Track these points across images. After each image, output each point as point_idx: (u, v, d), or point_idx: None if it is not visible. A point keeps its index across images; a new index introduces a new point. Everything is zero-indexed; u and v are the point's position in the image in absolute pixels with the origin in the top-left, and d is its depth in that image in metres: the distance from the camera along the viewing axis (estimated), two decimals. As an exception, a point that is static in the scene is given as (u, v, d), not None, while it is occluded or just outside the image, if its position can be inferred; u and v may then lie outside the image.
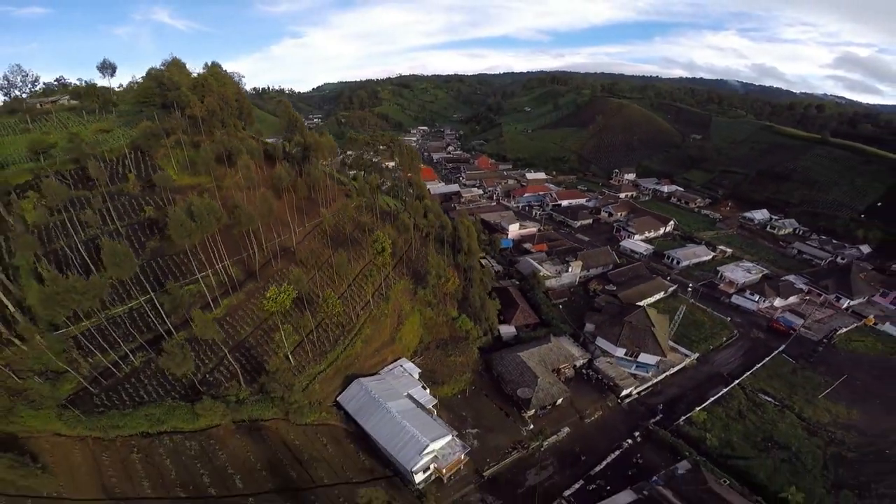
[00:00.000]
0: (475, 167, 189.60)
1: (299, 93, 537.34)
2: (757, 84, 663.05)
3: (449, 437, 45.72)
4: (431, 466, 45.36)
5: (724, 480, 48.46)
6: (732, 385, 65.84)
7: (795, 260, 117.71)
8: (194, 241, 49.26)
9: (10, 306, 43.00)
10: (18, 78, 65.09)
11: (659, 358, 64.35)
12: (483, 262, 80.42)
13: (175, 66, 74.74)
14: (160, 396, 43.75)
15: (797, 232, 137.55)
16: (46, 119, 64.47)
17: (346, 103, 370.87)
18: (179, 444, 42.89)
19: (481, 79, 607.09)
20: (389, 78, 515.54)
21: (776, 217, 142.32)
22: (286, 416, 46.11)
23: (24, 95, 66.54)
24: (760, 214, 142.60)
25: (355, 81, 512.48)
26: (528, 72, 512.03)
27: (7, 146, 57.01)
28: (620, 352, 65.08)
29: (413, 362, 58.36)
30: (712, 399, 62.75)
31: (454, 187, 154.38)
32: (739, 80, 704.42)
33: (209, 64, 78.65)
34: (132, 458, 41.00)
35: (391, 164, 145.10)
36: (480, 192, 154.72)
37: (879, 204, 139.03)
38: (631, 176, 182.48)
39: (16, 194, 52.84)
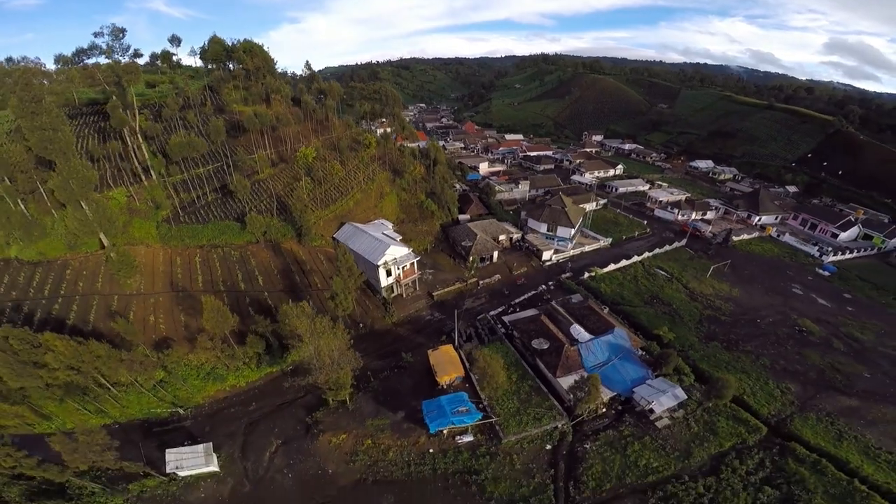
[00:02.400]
0: (462, 131, 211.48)
1: (300, 76, 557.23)
2: (762, 71, 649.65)
3: (407, 251, 68.44)
4: (393, 272, 66.55)
5: (604, 307, 63.48)
6: (634, 260, 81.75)
7: (727, 195, 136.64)
8: (256, 129, 77.62)
9: (147, 155, 68.11)
10: (117, 45, 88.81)
11: (573, 231, 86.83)
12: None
13: (216, 40, 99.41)
14: (221, 218, 67.97)
15: (736, 178, 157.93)
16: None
17: (348, 82, 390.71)
18: (227, 253, 65.03)
19: (482, 62, 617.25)
20: (390, 61, 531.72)
21: (719, 166, 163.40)
22: (299, 239, 69.99)
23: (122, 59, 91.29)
24: (705, 164, 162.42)
25: (356, 65, 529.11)
26: (529, 55, 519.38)
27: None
28: (543, 227, 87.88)
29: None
30: (614, 266, 79.05)
31: (440, 143, 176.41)
32: (742, 66, 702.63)
33: (241, 40, 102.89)
34: (195, 262, 62.44)
35: (388, 129, 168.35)
36: (462, 146, 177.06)
37: (809, 155, 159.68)
38: (599, 137, 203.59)
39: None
